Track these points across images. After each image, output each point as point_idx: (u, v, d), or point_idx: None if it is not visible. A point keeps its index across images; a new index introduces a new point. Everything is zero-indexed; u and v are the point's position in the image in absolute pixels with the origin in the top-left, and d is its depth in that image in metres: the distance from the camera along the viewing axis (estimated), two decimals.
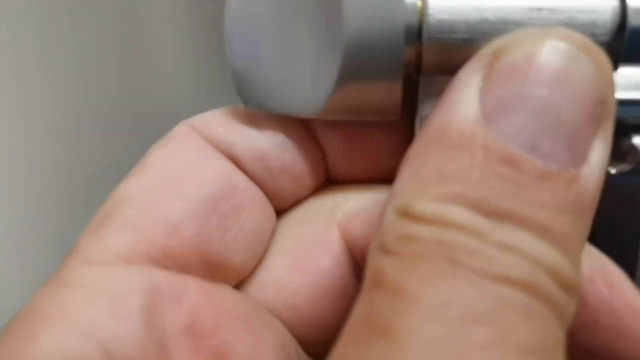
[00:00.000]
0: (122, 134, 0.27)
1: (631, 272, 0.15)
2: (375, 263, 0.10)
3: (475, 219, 0.09)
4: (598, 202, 0.11)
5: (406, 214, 0.10)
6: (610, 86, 0.11)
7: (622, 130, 0.12)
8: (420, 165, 0.10)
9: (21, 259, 0.19)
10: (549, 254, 0.09)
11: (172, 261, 0.11)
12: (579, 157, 0.10)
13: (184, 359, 0.11)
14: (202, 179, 0.12)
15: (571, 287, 0.09)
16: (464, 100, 0.10)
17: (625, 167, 0.12)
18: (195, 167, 0.12)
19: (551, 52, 0.10)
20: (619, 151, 0.12)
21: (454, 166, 0.10)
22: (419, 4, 0.12)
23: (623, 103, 0.11)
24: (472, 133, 0.10)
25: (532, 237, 0.09)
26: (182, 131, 0.13)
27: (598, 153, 0.10)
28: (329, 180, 0.14)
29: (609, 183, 0.13)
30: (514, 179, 0.09)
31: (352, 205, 0.13)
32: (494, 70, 0.10)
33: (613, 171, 0.12)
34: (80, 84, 0.24)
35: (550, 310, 0.09)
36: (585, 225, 0.10)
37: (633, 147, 0.12)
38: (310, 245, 0.13)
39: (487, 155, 0.09)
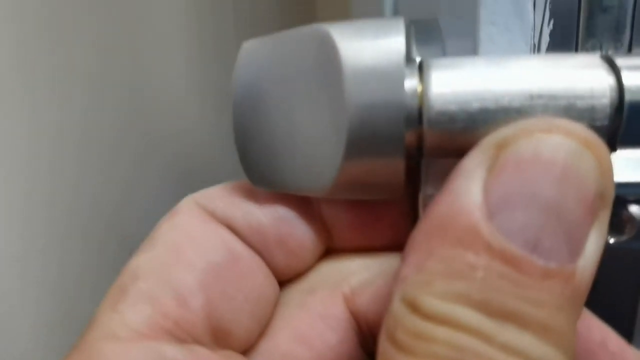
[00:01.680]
0: (128, 155, 0.27)
1: (629, 334, 0.16)
2: (389, 356, 0.10)
3: (481, 321, 0.10)
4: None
5: (415, 308, 0.10)
6: (610, 179, 0.11)
7: (620, 203, 0.13)
8: (426, 256, 0.10)
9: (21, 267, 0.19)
10: (549, 353, 0.10)
11: (184, 332, 0.12)
12: (576, 250, 0.10)
13: None
14: (207, 250, 0.13)
15: None
16: (468, 192, 0.10)
17: (624, 236, 0.13)
18: (200, 239, 0.13)
19: (556, 149, 0.10)
20: (618, 222, 0.13)
21: (459, 264, 0.10)
22: (419, 88, 0.12)
23: (629, 185, 0.12)
24: (476, 229, 0.10)
25: (533, 338, 0.10)
26: (186, 205, 0.13)
27: (594, 242, 0.11)
28: (332, 249, 0.14)
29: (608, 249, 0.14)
30: (515, 279, 0.10)
31: (358, 278, 0.13)
32: (499, 164, 0.10)
33: (612, 241, 0.13)
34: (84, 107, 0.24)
35: None
36: (578, 313, 0.10)
37: (631, 217, 0.13)
38: (315, 318, 0.13)
39: (491, 255, 0.10)
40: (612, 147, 0.12)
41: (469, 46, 0.14)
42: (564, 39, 0.13)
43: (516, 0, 0.13)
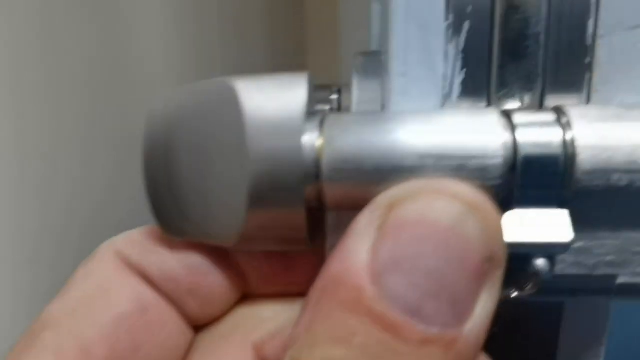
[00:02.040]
0: (106, 159, 0.27)
1: None
2: None
3: None
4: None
5: None
6: (499, 241, 0.11)
7: (524, 258, 0.13)
8: (314, 316, 0.11)
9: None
10: None
11: None
12: (462, 315, 0.10)
13: None
14: (116, 300, 0.13)
15: None
16: (356, 252, 0.11)
17: (527, 289, 0.13)
18: (110, 289, 0.13)
19: (440, 212, 0.10)
20: (522, 277, 0.13)
21: (341, 328, 0.10)
22: (317, 144, 0.12)
23: (523, 245, 0.12)
24: (360, 292, 0.10)
25: None
26: (102, 252, 0.14)
27: (484, 304, 0.11)
28: (248, 294, 0.15)
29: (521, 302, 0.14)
30: (393, 347, 0.10)
31: (268, 326, 0.14)
32: (386, 226, 0.11)
33: (514, 294, 0.13)
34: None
35: None
36: None
37: (535, 274, 0.13)
38: None
39: (371, 320, 0.10)
40: (507, 207, 0.12)
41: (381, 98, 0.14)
42: (475, 88, 0.13)
43: (426, 51, 0.13)
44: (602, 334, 0.15)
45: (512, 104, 0.13)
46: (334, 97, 0.24)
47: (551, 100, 0.13)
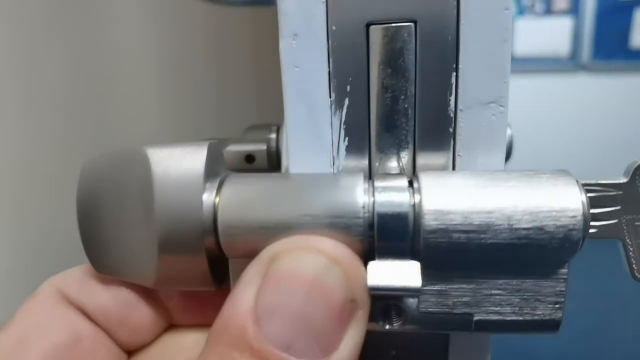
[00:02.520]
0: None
1: None
2: None
3: None
4: None
5: None
6: (360, 286, 0.13)
7: (394, 297, 0.15)
8: (209, 353, 0.13)
9: None
10: None
11: None
12: (328, 348, 0.13)
13: None
14: (53, 332, 0.15)
15: None
16: (244, 299, 0.13)
17: (398, 323, 0.15)
18: (48, 323, 0.15)
19: (307, 265, 0.13)
20: (392, 312, 0.15)
21: None
22: (216, 201, 0.14)
23: (382, 289, 0.14)
24: (244, 331, 0.13)
25: None
26: (44, 289, 0.16)
27: (350, 338, 0.13)
28: (174, 324, 0.17)
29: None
30: None
31: (188, 354, 0.16)
32: (267, 277, 0.13)
33: (386, 327, 0.15)
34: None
35: None
36: None
37: (403, 310, 0.15)
38: None
39: (251, 353, 0.12)
40: (371, 257, 0.14)
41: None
42: (358, 153, 0.16)
43: (315, 122, 0.16)
44: (485, 356, 0.18)
45: (390, 165, 0.16)
46: (273, 135, 0.26)
47: (422, 163, 0.16)
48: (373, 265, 0.14)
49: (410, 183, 0.14)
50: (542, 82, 2.22)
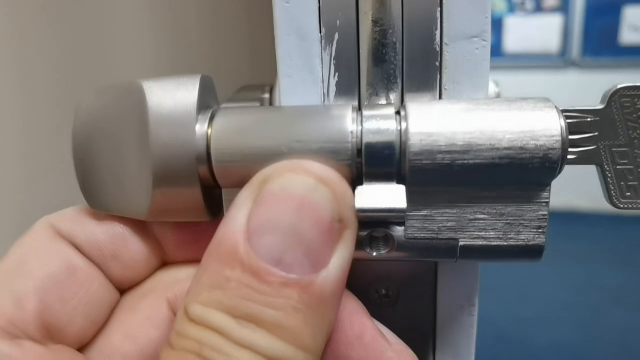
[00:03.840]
0: None
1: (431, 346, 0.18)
2: (161, 353, 0.13)
3: (225, 321, 0.13)
4: (342, 290, 0.14)
5: (186, 313, 0.13)
6: (346, 206, 0.14)
7: (382, 223, 0.15)
8: (202, 272, 0.14)
9: None
10: (278, 346, 0.13)
11: (17, 329, 0.14)
12: (318, 264, 0.13)
13: None
14: (47, 262, 0.15)
15: None
16: (236, 219, 0.13)
17: (385, 250, 0.16)
18: (42, 253, 0.16)
19: (296, 185, 0.13)
20: (382, 239, 0.16)
21: (220, 276, 0.13)
22: (209, 132, 0.15)
23: (369, 211, 0.14)
24: (235, 249, 0.13)
25: (266, 335, 0.13)
26: (38, 225, 0.16)
27: (339, 257, 0.14)
28: (169, 262, 0.17)
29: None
30: (259, 288, 0.13)
31: (181, 285, 0.16)
32: (259, 197, 0.13)
33: (374, 254, 0.16)
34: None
35: None
36: (322, 316, 0.13)
37: (390, 236, 0.15)
38: (142, 318, 0.16)
39: (242, 269, 0.13)
40: (359, 181, 0.14)
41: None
42: (347, 88, 0.16)
43: (306, 57, 0.16)
44: (473, 293, 0.18)
45: (378, 101, 0.16)
46: (266, 95, 0.27)
47: (410, 97, 0.16)
48: (360, 189, 0.14)
49: (398, 113, 0.15)
50: (532, 78, 2.24)
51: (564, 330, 1.40)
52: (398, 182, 0.15)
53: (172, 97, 0.15)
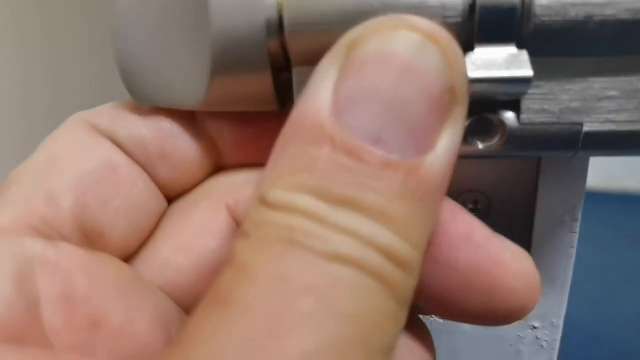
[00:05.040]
0: None
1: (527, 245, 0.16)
2: (233, 245, 0.11)
3: (316, 205, 0.10)
4: (448, 181, 0.11)
5: (263, 201, 0.10)
6: (459, 73, 0.11)
7: (490, 106, 0.13)
8: (280, 156, 0.11)
9: None
10: (382, 234, 0.10)
11: (51, 229, 0.12)
12: (423, 146, 0.10)
13: (57, 323, 0.11)
14: (83, 158, 0.13)
15: (406, 264, 0.10)
16: (319, 92, 0.11)
17: (495, 141, 0.13)
18: (78, 148, 0.13)
19: (398, 44, 0.10)
20: (489, 126, 0.13)
21: (305, 157, 0.10)
22: None
23: (484, 81, 0.12)
24: (322, 126, 0.10)
25: (366, 220, 0.10)
26: (71, 120, 0.14)
27: (447, 138, 0.11)
28: (223, 168, 0.15)
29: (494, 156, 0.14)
30: (354, 169, 0.10)
31: (242, 190, 0.14)
32: (347, 64, 0.11)
33: (481, 146, 0.13)
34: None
35: (380, 284, 0.10)
36: (427, 208, 0.11)
37: (501, 122, 0.13)
38: (197, 227, 0.14)
39: (333, 147, 0.10)
40: (470, 46, 0.12)
41: None
42: None
43: None
44: (578, 205, 0.16)
45: None
46: None
47: None
48: (472, 54, 0.12)
49: None
50: None
51: (574, 309, 1.39)
52: (519, 47, 0.12)
53: None
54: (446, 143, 0.11)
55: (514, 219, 0.16)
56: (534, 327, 0.18)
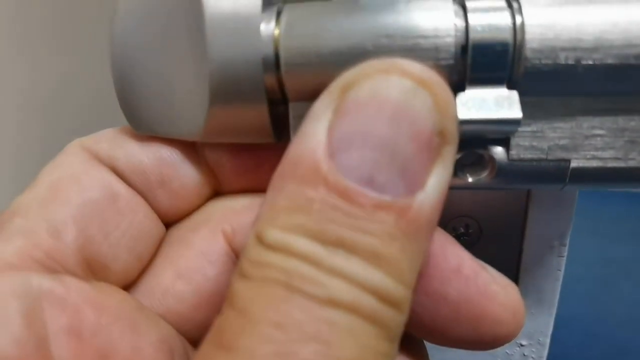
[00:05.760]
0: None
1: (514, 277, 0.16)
2: (233, 284, 0.11)
3: (312, 247, 0.10)
4: (439, 216, 0.12)
5: (261, 240, 0.11)
6: (449, 116, 0.11)
7: (480, 142, 0.13)
8: (276, 194, 0.11)
9: None
10: (376, 276, 0.10)
11: (55, 262, 0.12)
12: (414, 185, 0.11)
13: (66, 359, 0.11)
14: (85, 188, 0.13)
15: (398, 304, 0.10)
16: (314, 133, 0.11)
17: (484, 175, 0.13)
18: (79, 177, 0.13)
19: (390, 88, 0.11)
20: (479, 161, 0.13)
21: (301, 198, 0.11)
22: (276, 33, 0.12)
23: (475, 122, 0.12)
24: (317, 167, 0.11)
25: (360, 262, 0.10)
26: (71, 147, 0.14)
27: (437, 178, 0.11)
28: (221, 192, 0.15)
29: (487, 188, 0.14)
30: (348, 211, 0.10)
31: (239, 217, 0.14)
32: (342, 106, 0.11)
33: (471, 179, 0.13)
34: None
35: (374, 326, 0.10)
36: (418, 245, 0.11)
37: (491, 157, 0.13)
38: (196, 253, 0.14)
39: (327, 189, 0.10)
40: (461, 86, 0.12)
41: None
42: None
43: None
44: (566, 231, 0.16)
45: None
46: None
47: None
48: (463, 95, 0.12)
49: (509, 4, 0.12)
50: None
51: (573, 303, 1.40)
52: (509, 89, 0.12)
53: None
54: (436, 181, 0.11)
55: (504, 243, 0.16)
56: (522, 345, 0.18)
